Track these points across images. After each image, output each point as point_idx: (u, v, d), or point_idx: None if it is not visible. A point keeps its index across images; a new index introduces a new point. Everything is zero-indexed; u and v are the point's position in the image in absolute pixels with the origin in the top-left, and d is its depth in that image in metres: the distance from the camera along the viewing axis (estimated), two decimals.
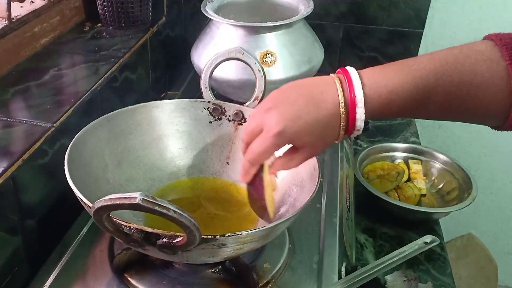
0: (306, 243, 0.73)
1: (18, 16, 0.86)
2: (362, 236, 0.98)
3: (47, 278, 0.66)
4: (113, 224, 0.53)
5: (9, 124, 0.72)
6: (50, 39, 0.94)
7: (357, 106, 0.56)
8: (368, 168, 1.12)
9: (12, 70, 0.85)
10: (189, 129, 0.80)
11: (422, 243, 0.74)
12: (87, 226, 0.74)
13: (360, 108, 0.56)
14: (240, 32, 0.99)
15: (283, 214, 0.68)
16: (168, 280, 0.65)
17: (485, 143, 1.65)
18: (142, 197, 0.47)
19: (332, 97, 0.57)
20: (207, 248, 0.55)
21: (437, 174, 1.12)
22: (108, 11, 1.01)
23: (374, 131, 1.31)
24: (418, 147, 1.16)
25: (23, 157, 0.66)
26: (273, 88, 0.98)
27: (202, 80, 0.82)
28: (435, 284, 0.88)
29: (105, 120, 0.73)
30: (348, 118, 0.57)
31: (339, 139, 0.60)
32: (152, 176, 0.77)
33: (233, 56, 0.80)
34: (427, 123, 1.66)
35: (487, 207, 1.72)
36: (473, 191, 1.02)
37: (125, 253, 0.68)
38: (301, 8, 1.05)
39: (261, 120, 0.58)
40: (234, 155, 0.80)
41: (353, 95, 0.56)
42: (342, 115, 0.57)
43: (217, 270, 0.67)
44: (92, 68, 0.89)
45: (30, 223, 0.71)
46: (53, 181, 0.74)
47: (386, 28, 1.47)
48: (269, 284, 0.66)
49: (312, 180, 0.65)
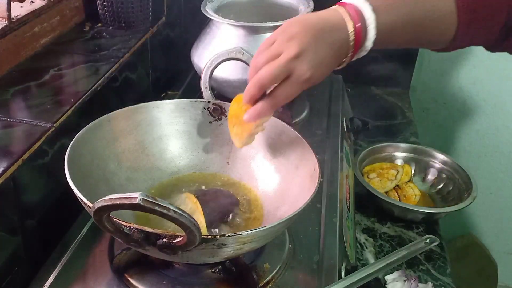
0: (306, 243, 0.73)
1: (18, 16, 0.86)
2: (362, 236, 0.98)
3: (47, 278, 0.66)
4: (113, 224, 0.53)
5: (9, 124, 0.72)
6: (50, 39, 0.94)
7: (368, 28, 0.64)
8: (368, 168, 1.12)
9: (12, 70, 0.85)
10: (189, 129, 0.80)
11: (422, 243, 0.74)
12: (87, 226, 0.74)
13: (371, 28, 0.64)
14: (240, 32, 0.99)
15: (283, 214, 0.68)
16: (168, 280, 0.65)
17: (485, 143, 1.65)
18: (142, 197, 0.47)
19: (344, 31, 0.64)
20: (207, 248, 0.55)
21: (437, 174, 1.12)
22: (108, 11, 1.01)
23: (374, 131, 1.31)
24: (418, 147, 1.16)
25: (23, 157, 0.66)
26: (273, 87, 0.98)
27: (202, 80, 0.82)
28: (435, 284, 0.89)
29: (105, 120, 0.73)
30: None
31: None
32: (152, 176, 0.77)
33: (233, 56, 0.80)
34: (427, 123, 1.67)
35: (487, 207, 1.72)
36: (473, 191, 1.02)
37: (125, 253, 0.68)
38: (301, 8, 1.05)
39: (290, 64, 0.62)
40: (234, 155, 0.80)
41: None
42: (351, 43, 0.65)
43: (217, 270, 0.67)
44: (92, 68, 0.88)
45: (30, 223, 0.71)
46: (53, 181, 0.74)
47: None
48: (269, 284, 0.66)
49: (312, 180, 0.65)
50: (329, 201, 0.82)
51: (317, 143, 0.95)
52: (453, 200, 1.05)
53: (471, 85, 1.59)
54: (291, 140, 0.74)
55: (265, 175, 0.76)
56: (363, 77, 1.52)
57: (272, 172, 0.76)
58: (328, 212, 0.79)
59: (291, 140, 0.74)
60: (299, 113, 1.07)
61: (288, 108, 1.06)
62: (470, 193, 1.02)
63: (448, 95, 1.62)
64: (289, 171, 0.73)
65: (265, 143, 0.77)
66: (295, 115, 1.06)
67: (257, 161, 0.78)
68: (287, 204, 0.70)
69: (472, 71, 1.56)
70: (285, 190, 0.72)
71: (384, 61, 1.51)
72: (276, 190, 0.74)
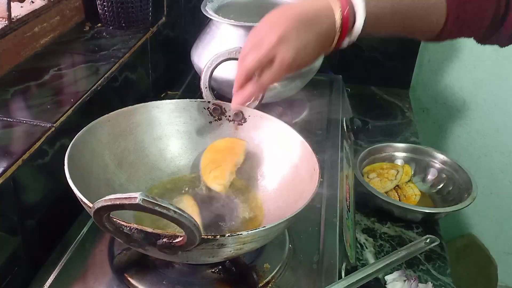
0: (306, 243, 0.73)
1: (18, 16, 0.86)
2: (362, 236, 0.98)
3: (47, 278, 0.66)
4: (113, 224, 0.53)
5: (9, 124, 0.72)
6: (50, 39, 0.94)
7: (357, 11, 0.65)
8: (368, 168, 1.12)
9: (12, 70, 0.85)
10: (189, 129, 0.80)
11: (422, 243, 0.74)
12: (87, 226, 0.74)
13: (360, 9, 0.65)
14: (240, 32, 0.99)
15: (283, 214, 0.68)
16: (168, 280, 0.65)
17: (485, 143, 1.65)
18: (142, 197, 0.47)
19: (328, 17, 0.65)
20: (207, 248, 0.55)
21: (437, 174, 1.12)
22: (108, 11, 1.01)
23: (374, 131, 1.31)
24: (418, 147, 1.16)
25: (23, 157, 0.66)
26: (273, 87, 0.99)
27: (202, 80, 0.82)
28: (435, 284, 0.89)
29: (105, 120, 0.73)
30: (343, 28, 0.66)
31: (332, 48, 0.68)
32: (152, 176, 0.77)
33: (233, 56, 0.80)
34: (427, 123, 1.67)
35: (487, 207, 1.72)
36: (473, 191, 1.02)
37: (125, 253, 0.68)
38: None
39: (272, 50, 0.64)
40: None
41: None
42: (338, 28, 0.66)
43: (217, 270, 0.67)
44: (92, 68, 0.88)
45: (30, 223, 0.71)
46: (53, 181, 0.74)
47: None
48: (269, 284, 0.66)
49: (312, 180, 0.65)
50: (329, 201, 0.82)
51: (317, 143, 0.95)
52: (453, 200, 1.05)
53: (471, 85, 1.59)
54: (291, 140, 0.74)
55: (265, 175, 0.76)
56: (363, 77, 1.52)
57: (272, 172, 0.76)
58: (328, 212, 0.79)
59: (291, 140, 0.74)
60: (299, 113, 1.07)
61: (288, 108, 1.06)
62: (470, 193, 1.02)
63: (448, 95, 1.62)
64: (289, 171, 0.73)
65: (265, 143, 0.77)
66: (295, 115, 1.06)
67: (257, 161, 0.78)
68: (287, 204, 0.69)
69: (472, 71, 1.56)
70: (285, 190, 0.72)
71: (384, 61, 1.51)
72: (276, 190, 0.74)
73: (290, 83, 1.01)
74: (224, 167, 0.73)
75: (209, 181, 0.72)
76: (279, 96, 1.04)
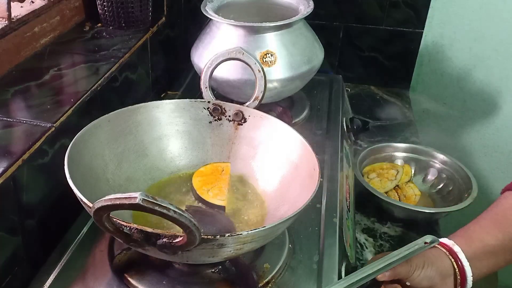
0: (306, 243, 0.73)
1: (18, 16, 0.86)
2: (362, 236, 0.98)
3: (47, 278, 0.66)
4: (113, 224, 0.53)
5: (9, 124, 0.72)
6: (50, 39, 0.94)
7: None
8: (368, 168, 1.12)
9: (12, 70, 0.85)
10: (189, 129, 0.80)
11: (422, 243, 0.74)
12: (87, 226, 0.74)
13: None
14: (240, 32, 0.99)
15: (283, 214, 0.68)
16: (168, 280, 0.65)
17: (485, 143, 1.65)
18: (142, 197, 0.47)
19: None
20: (207, 248, 0.55)
21: (437, 174, 1.12)
22: (108, 11, 1.01)
23: (374, 131, 1.31)
24: (418, 147, 1.16)
25: (23, 157, 0.66)
26: (273, 87, 0.99)
27: (202, 80, 0.82)
28: None
29: (105, 120, 0.73)
30: None
31: None
32: (152, 176, 0.77)
33: (233, 56, 0.80)
34: (427, 123, 1.67)
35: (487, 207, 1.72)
36: (473, 191, 1.02)
37: (125, 253, 0.68)
38: (301, 8, 1.05)
39: None
40: (234, 155, 0.80)
41: None
42: None
43: (217, 270, 0.67)
44: (92, 68, 0.88)
45: (30, 223, 0.71)
46: (53, 181, 0.74)
47: (386, 28, 1.47)
48: (269, 284, 0.66)
49: (312, 180, 0.65)
50: (329, 201, 0.82)
51: (317, 143, 0.95)
52: (453, 200, 1.05)
53: (471, 85, 1.59)
54: (291, 140, 0.74)
55: (265, 175, 0.76)
56: (363, 77, 1.52)
57: (272, 172, 0.76)
58: (328, 212, 0.80)
59: (291, 140, 0.74)
60: (299, 113, 1.07)
61: (288, 108, 1.06)
62: (470, 193, 1.02)
63: (448, 95, 1.61)
64: (289, 171, 0.73)
65: (265, 143, 0.77)
66: (295, 115, 1.06)
67: (257, 161, 0.78)
68: (287, 204, 0.70)
69: (472, 71, 1.56)
70: (285, 190, 0.72)
71: (384, 61, 1.51)
72: (276, 190, 0.74)
73: (290, 83, 1.01)
74: (219, 185, 0.74)
75: (210, 199, 0.73)
76: (279, 96, 1.04)
